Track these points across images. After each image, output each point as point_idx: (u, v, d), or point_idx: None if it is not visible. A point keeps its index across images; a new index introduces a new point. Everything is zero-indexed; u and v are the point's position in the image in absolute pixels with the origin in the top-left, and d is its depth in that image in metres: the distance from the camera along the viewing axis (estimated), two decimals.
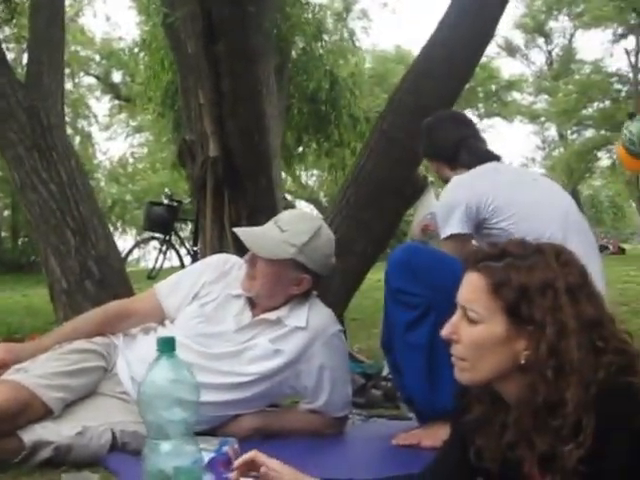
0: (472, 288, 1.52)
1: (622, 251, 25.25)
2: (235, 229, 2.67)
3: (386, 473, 1.84)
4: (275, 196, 4.84)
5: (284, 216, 2.64)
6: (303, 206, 26.45)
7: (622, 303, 8.39)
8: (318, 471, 1.80)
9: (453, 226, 2.67)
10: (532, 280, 1.46)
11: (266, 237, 2.54)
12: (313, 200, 28.48)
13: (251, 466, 1.69)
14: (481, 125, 35.95)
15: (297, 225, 2.55)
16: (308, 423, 2.63)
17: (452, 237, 2.69)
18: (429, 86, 4.58)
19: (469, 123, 3.17)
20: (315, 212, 24.42)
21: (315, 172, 25.98)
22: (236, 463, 1.70)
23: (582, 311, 1.46)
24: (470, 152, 2.88)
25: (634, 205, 32.70)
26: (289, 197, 24.46)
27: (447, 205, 2.73)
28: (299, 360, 2.54)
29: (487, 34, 4.84)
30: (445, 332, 1.55)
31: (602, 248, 27.66)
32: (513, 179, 2.87)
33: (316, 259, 2.55)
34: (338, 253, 4.63)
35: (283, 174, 18.98)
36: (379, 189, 4.66)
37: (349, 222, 4.70)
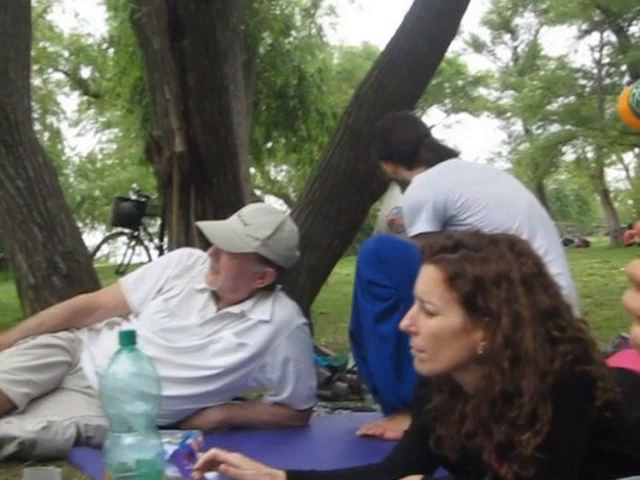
0: (428, 280, 1.53)
1: (587, 244, 25.69)
2: (198, 223, 2.68)
3: (350, 464, 1.86)
4: (242, 191, 4.83)
5: (247, 210, 2.65)
6: (272, 201, 26.49)
7: (586, 295, 8.55)
8: (283, 463, 1.81)
9: (420, 225, 2.65)
10: (487, 271, 1.48)
11: (229, 231, 2.55)
12: (282, 195, 28.53)
13: (212, 464, 1.70)
14: (448, 120, 36.26)
15: (260, 219, 2.56)
16: (273, 415, 2.65)
17: (420, 236, 2.66)
18: (393, 80, 4.62)
19: (422, 123, 3.18)
20: (284, 207, 24.45)
21: (284, 167, 26.01)
22: (196, 464, 1.71)
23: (537, 301, 1.48)
24: (430, 150, 2.88)
25: (599, 199, 33.15)
26: (258, 192, 24.46)
27: (413, 204, 2.70)
28: (263, 353, 2.55)
29: (451, 28, 4.89)
30: (404, 324, 1.57)
31: (567, 241, 28.17)
32: (478, 174, 2.88)
33: (279, 252, 2.56)
34: (304, 247, 4.71)
35: (252, 169, 18.99)
36: (345, 183, 4.69)
37: (315, 216, 4.73)
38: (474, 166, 3.34)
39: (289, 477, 1.69)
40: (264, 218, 2.57)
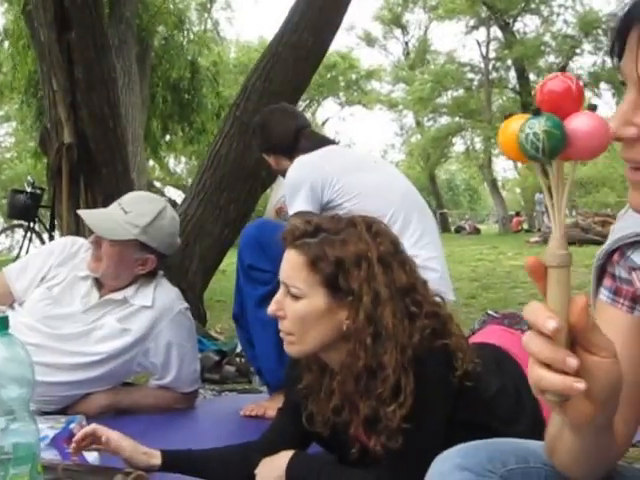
0: (291, 265, 1.59)
1: (477, 231, 26.60)
2: (79, 211, 2.71)
3: (232, 442, 1.92)
4: (132, 181, 4.83)
5: (128, 198, 2.68)
6: (172, 193, 26.15)
7: (474, 279, 8.91)
8: (167, 444, 1.86)
9: (299, 204, 2.72)
10: (346, 253, 1.55)
11: (110, 219, 2.58)
12: (181, 187, 28.20)
13: (93, 438, 1.74)
14: (343, 113, 36.74)
15: (140, 206, 2.60)
16: (158, 399, 2.70)
17: (298, 215, 2.71)
18: (280, 72, 4.73)
19: (300, 114, 3.28)
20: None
21: (183, 159, 25.73)
22: (75, 437, 1.74)
23: (395, 279, 1.56)
24: (309, 139, 2.95)
25: (488, 188, 34.32)
26: (158, 184, 24.11)
27: (292, 184, 2.78)
28: (146, 338, 2.60)
29: (335, 22, 5.03)
30: (270, 309, 1.62)
31: (459, 229, 29.10)
32: (356, 161, 2.97)
33: (160, 239, 2.60)
34: (196, 236, 4.77)
35: (151, 162, 18.73)
36: (234, 173, 4.77)
37: (206, 205, 4.80)
38: (353, 153, 3.46)
39: (165, 456, 1.74)
40: (144, 206, 2.61)
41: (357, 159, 3.05)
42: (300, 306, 1.57)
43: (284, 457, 1.62)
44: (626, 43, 0.82)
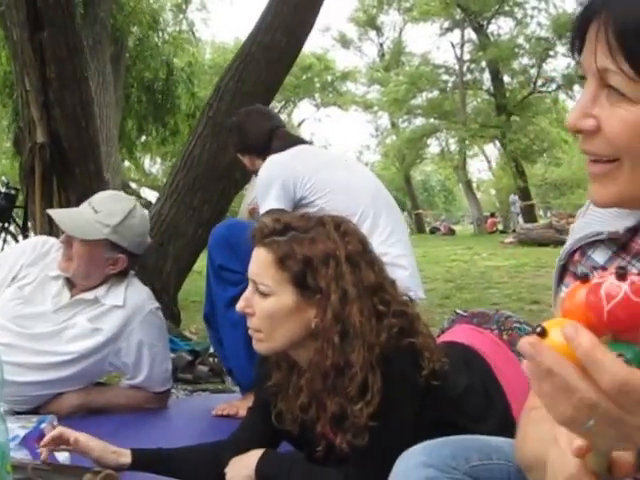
0: (260, 263, 1.60)
1: (452, 232, 26.77)
2: (49, 211, 2.69)
3: (205, 441, 1.92)
4: (105, 181, 4.82)
5: (98, 197, 2.68)
6: (147, 194, 26.06)
7: (449, 280, 8.96)
8: (139, 443, 1.86)
9: (270, 202, 2.73)
10: (315, 251, 1.56)
11: (80, 218, 2.57)
12: (157, 187, 28.08)
13: (61, 441, 1.74)
14: (319, 114, 36.82)
15: (110, 205, 2.60)
16: (130, 398, 2.70)
17: (270, 213, 2.69)
18: (253, 73, 4.75)
19: (275, 115, 3.31)
20: None
21: (159, 160, 25.64)
22: (43, 441, 1.74)
23: (363, 278, 1.57)
24: (282, 139, 2.97)
25: (462, 189, 34.54)
26: (134, 185, 24.00)
27: (264, 182, 2.79)
28: (118, 338, 2.60)
29: (308, 22, 5.06)
30: (239, 306, 1.63)
31: (434, 229, 29.27)
32: (328, 160, 3.00)
33: (130, 239, 2.60)
34: (169, 236, 4.76)
35: (127, 162, 18.61)
36: (207, 173, 4.78)
37: (179, 206, 4.81)
38: (325, 153, 3.49)
39: (134, 455, 1.74)
40: (114, 205, 2.61)
41: (328, 158, 3.09)
42: (268, 303, 1.58)
43: (254, 456, 1.63)
44: (586, 37, 0.84)
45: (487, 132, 26.57)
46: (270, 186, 2.73)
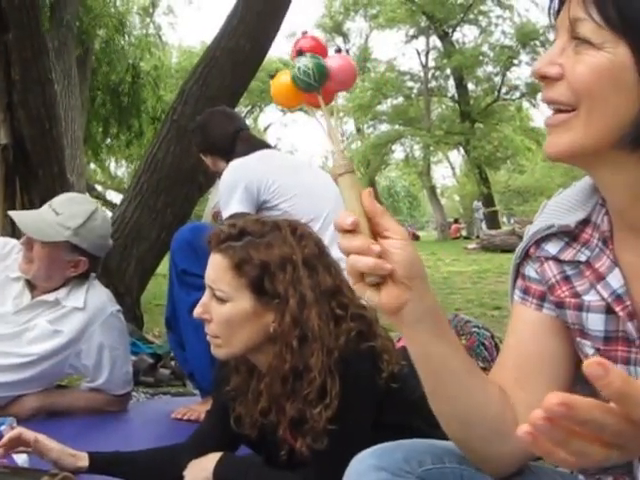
0: (216, 268, 1.60)
1: (416, 238, 26.91)
2: (10, 212, 2.68)
3: (164, 445, 1.92)
4: (69, 183, 4.79)
5: (59, 199, 2.66)
6: (113, 196, 25.88)
7: None
8: (98, 446, 1.86)
9: (233, 206, 2.72)
10: (271, 256, 1.55)
11: (41, 220, 2.56)
12: (123, 190, 27.85)
13: (20, 442, 1.74)
14: (285, 119, 36.82)
15: (72, 208, 2.59)
16: (90, 401, 2.69)
17: (233, 216, 2.69)
18: (217, 77, 4.76)
19: (239, 117, 3.32)
20: None
21: (124, 163, 25.48)
22: (2, 441, 1.74)
23: (320, 281, 1.57)
24: (246, 142, 2.97)
25: (427, 195, 34.79)
26: (99, 188, 23.83)
27: (227, 186, 2.79)
28: (78, 340, 2.59)
29: (273, 28, 5.08)
30: (196, 312, 1.63)
31: None
32: (292, 164, 3.02)
33: (91, 241, 2.60)
34: (132, 239, 4.74)
35: (93, 165, 18.42)
36: (171, 177, 4.78)
37: (142, 209, 4.80)
38: (289, 157, 3.52)
39: (92, 458, 1.75)
40: (75, 207, 2.60)
41: (292, 163, 3.11)
42: (225, 309, 1.58)
43: (211, 459, 1.63)
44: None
45: (451, 139, 26.83)
46: (233, 190, 2.73)
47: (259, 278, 1.55)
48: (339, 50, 0.94)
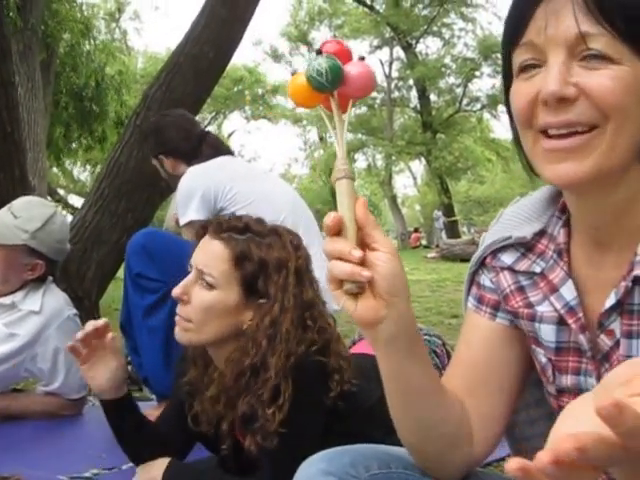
0: (212, 255, 1.60)
1: None
2: None
3: (120, 449, 1.91)
4: (30, 186, 4.75)
5: (18, 203, 2.66)
6: (75, 201, 25.62)
7: None
8: (53, 450, 1.86)
9: (191, 213, 2.72)
10: (270, 257, 1.59)
11: None
12: (85, 195, 27.56)
13: (98, 334, 1.73)
14: (249, 127, 36.81)
15: (30, 211, 2.59)
16: (45, 405, 2.68)
17: (190, 224, 2.72)
18: (180, 83, 4.77)
19: (197, 122, 3.32)
20: None
21: (88, 167, 25.26)
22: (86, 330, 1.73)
23: (303, 292, 1.62)
24: (212, 147, 2.98)
25: (388, 204, 34.96)
26: (61, 192, 23.54)
27: (185, 193, 2.78)
28: (34, 343, 2.58)
29: (237, 36, 5.11)
30: (176, 292, 1.62)
31: None
32: (249, 172, 3.02)
33: (49, 245, 2.60)
34: (93, 243, 4.71)
35: (55, 169, 18.17)
36: (133, 181, 4.77)
37: (103, 213, 4.79)
38: (246, 165, 3.53)
39: (127, 396, 1.76)
40: (34, 211, 2.60)
41: (249, 170, 3.10)
42: (209, 296, 1.59)
43: (159, 466, 1.64)
44: (538, 11, 0.85)
45: (413, 149, 27.01)
46: (190, 198, 2.73)
47: (254, 275, 1.58)
48: (362, 58, 0.93)
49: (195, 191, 2.74)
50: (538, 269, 0.99)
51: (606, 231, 0.92)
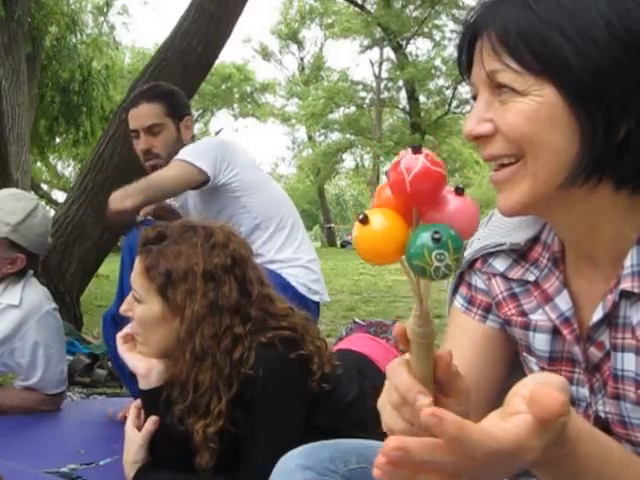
0: (135, 270, 1.65)
1: None
2: None
3: (98, 445, 1.91)
4: (13, 180, 4.72)
5: (0, 195, 2.64)
6: (59, 196, 25.50)
7: (355, 292, 9.09)
8: (32, 446, 1.85)
9: (203, 162, 2.55)
10: (175, 266, 1.59)
11: None
12: (68, 189, 27.46)
13: None
14: (236, 124, 36.83)
15: (11, 204, 2.57)
16: (23, 400, 2.65)
17: (188, 164, 2.55)
18: (167, 78, 4.70)
19: None
20: None
21: (72, 162, 25.16)
22: None
23: (222, 295, 1.59)
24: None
25: None
26: (45, 187, 23.42)
27: (211, 145, 2.71)
28: (13, 337, 2.55)
29: (225, 31, 5.07)
30: (122, 309, 1.67)
31: (345, 243, 29.57)
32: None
33: (31, 238, 2.57)
34: (75, 238, 4.67)
35: (39, 164, 18.08)
36: (117, 176, 4.71)
37: (87, 208, 4.74)
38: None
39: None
40: (15, 204, 2.57)
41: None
42: (140, 310, 1.63)
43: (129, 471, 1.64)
44: (474, 52, 0.89)
45: (400, 149, 27.06)
46: (213, 151, 2.61)
47: (164, 285, 1.60)
48: (461, 190, 0.68)
49: (220, 150, 2.62)
50: (532, 277, 0.97)
51: (587, 246, 0.91)
